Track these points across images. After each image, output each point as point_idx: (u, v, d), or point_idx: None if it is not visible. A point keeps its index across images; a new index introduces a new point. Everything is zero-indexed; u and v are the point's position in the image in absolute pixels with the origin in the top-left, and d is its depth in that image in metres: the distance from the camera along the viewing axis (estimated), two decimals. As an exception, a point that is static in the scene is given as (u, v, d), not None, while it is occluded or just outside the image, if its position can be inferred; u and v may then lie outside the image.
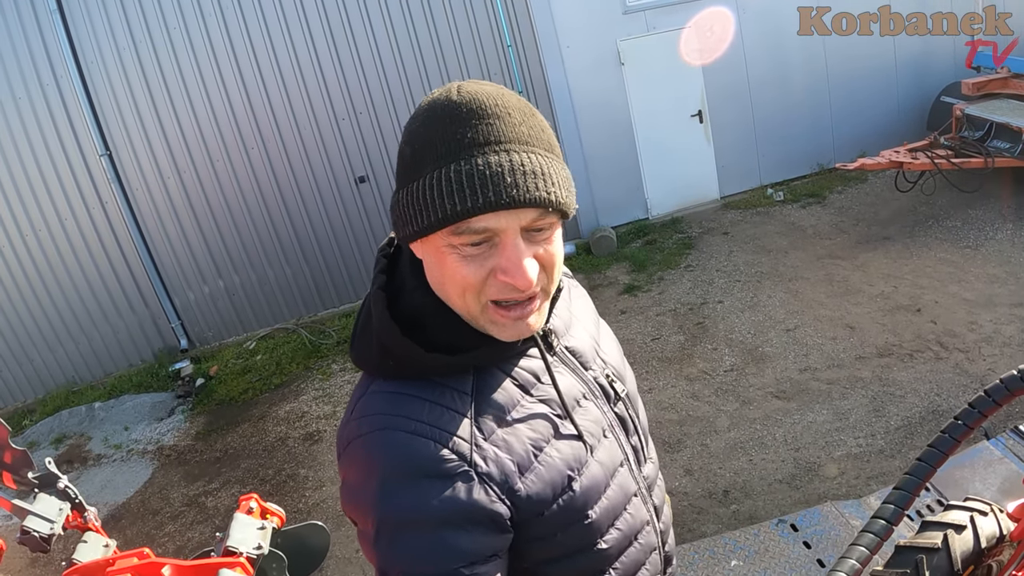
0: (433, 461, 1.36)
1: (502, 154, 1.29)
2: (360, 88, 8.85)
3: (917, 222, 9.47)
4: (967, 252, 8.57)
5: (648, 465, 1.81)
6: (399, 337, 1.40)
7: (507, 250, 1.32)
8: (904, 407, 6.15)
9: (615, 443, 1.66)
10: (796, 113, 10.89)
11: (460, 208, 1.26)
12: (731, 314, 7.96)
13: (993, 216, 9.27)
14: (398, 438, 1.38)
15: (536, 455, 1.47)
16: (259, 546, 3.41)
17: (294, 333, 8.99)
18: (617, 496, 1.63)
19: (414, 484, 1.36)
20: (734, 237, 9.83)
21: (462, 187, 1.26)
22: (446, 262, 1.34)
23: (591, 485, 1.55)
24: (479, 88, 1.34)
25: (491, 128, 1.30)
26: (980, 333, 6.98)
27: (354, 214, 9.27)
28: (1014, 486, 4.51)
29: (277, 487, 6.35)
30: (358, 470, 1.43)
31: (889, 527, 2.24)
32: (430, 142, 1.31)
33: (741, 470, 5.74)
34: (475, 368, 1.47)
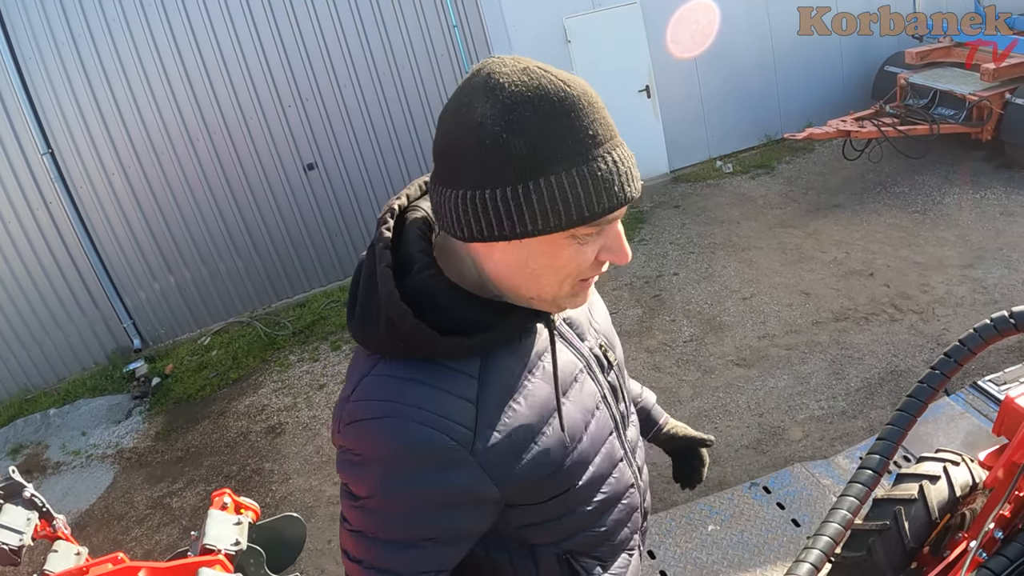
0: (435, 449, 1.39)
1: (616, 150, 1.31)
2: (305, 73, 8.72)
3: (866, 189, 9.61)
4: (916, 217, 8.72)
5: (631, 428, 1.85)
6: (412, 320, 1.37)
7: (615, 233, 1.39)
8: (863, 369, 6.27)
9: (606, 413, 1.70)
10: (743, 86, 10.98)
11: (599, 208, 1.28)
12: (687, 285, 8.01)
13: (940, 181, 9.44)
14: (403, 427, 1.38)
15: (535, 436, 1.50)
16: (237, 542, 3.37)
17: (249, 326, 8.87)
18: (604, 465, 1.67)
19: (414, 467, 1.40)
20: (685, 210, 9.89)
21: (599, 187, 1.28)
22: (562, 254, 1.35)
23: (580, 460, 1.59)
24: (577, 77, 1.32)
25: (605, 123, 1.31)
26: (932, 295, 7.11)
27: (304, 202, 9.15)
28: (978, 439, 4.63)
29: (243, 483, 6.27)
30: (359, 448, 1.44)
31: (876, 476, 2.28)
32: (555, 138, 1.26)
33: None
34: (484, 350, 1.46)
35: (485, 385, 1.45)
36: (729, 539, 4.52)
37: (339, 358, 7.89)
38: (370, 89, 9.02)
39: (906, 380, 6.02)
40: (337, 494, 5.72)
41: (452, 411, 1.40)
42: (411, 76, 9.15)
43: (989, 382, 5.11)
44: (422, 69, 9.17)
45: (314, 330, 8.57)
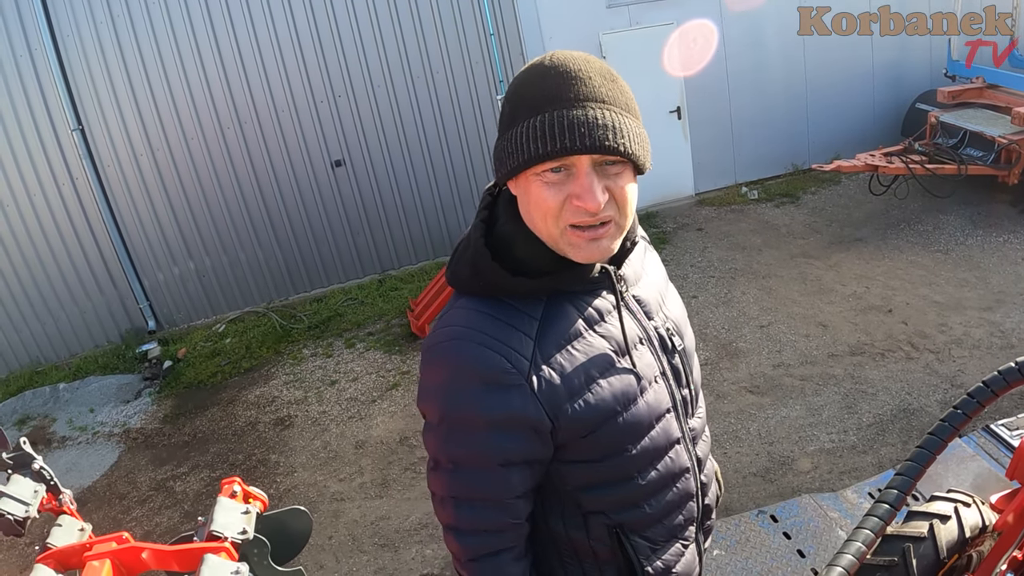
0: (495, 371, 1.59)
1: (579, 109, 1.50)
2: (340, 71, 8.75)
3: (890, 225, 9.56)
4: (938, 256, 8.67)
5: (695, 419, 1.99)
6: (489, 261, 1.64)
7: (580, 179, 1.53)
8: (876, 404, 6.22)
9: (665, 390, 1.83)
10: (773, 114, 10.97)
11: (542, 151, 1.50)
12: (705, 309, 7.98)
13: (964, 222, 9.38)
14: (470, 348, 1.61)
15: (588, 383, 1.67)
16: (244, 531, 3.36)
17: (264, 317, 8.89)
18: (660, 439, 1.81)
19: (476, 388, 1.60)
20: (708, 233, 9.87)
21: (545, 134, 1.49)
22: (532, 190, 1.57)
23: (635, 422, 1.74)
24: (568, 55, 1.57)
25: (573, 87, 1.52)
26: (950, 335, 7.06)
27: (328, 198, 9.18)
28: (987, 482, 4.62)
29: (247, 472, 6.26)
30: (434, 370, 1.68)
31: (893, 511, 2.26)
32: (523, 97, 1.55)
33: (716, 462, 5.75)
34: (548, 297, 1.68)
35: (545, 326, 1.66)
36: (734, 565, 4.49)
37: (352, 355, 7.89)
38: (403, 91, 9.05)
39: (918, 419, 5.97)
40: (340, 491, 5.76)
41: (513, 341, 1.61)
42: (444, 81, 9.17)
43: (1002, 426, 5.10)
44: (456, 75, 9.20)
45: (329, 326, 8.58)
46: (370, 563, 5.18)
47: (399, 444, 6.36)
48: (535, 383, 1.61)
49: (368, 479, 6.00)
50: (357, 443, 6.47)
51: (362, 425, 6.71)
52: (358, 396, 7.16)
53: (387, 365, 7.62)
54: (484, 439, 1.63)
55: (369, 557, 5.23)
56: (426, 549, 5.17)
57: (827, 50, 10.75)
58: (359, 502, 5.76)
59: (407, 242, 9.68)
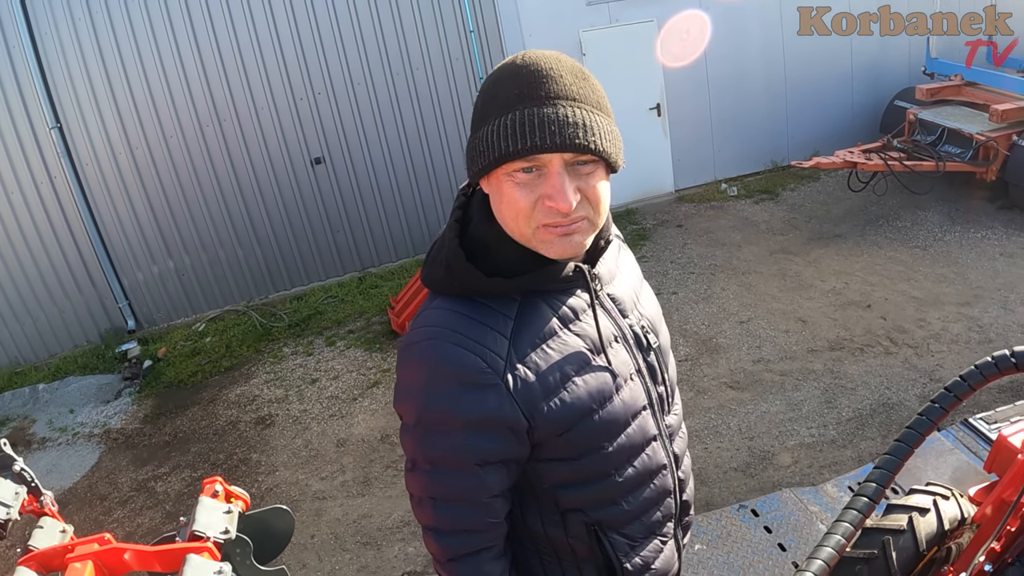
0: (471, 371, 1.59)
1: (549, 108, 1.51)
2: (320, 68, 8.72)
3: (868, 221, 9.63)
4: (916, 252, 8.75)
5: (672, 416, 2.00)
6: (463, 262, 1.64)
7: (551, 179, 1.53)
8: (855, 399, 6.28)
9: (641, 388, 1.84)
10: (753, 111, 11.04)
11: (512, 149, 1.50)
12: (685, 305, 8.02)
13: (942, 218, 9.48)
14: (445, 348, 1.61)
15: (563, 381, 1.68)
16: (226, 530, 3.35)
17: (244, 315, 8.86)
18: (636, 436, 1.82)
19: (452, 388, 1.61)
20: (688, 230, 9.92)
21: (515, 132, 1.50)
22: (504, 190, 1.57)
23: (611, 420, 1.75)
24: (539, 53, 1.58)
25: (543, 86, 1.52)
26: (928, 330, 7.13)
27: (308, 196, 9.15)
28: (966, 475, 4.69)
29: (229, 472, 6.25)
30: (410, 371, 1.69)
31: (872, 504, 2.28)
32: (494, 96, 1.56)
33: (696, 458, 5.80)
34: (523, 296, 1.68)
35: (520, 325, 1.66)
36: (715, 559, 4.53)
37: (333, 354, 7.88)
38: (383, 88, 9.03)
39: (897, 413, 6.03)
40: (322, 489, 5.74)
41: (488, 341, 1.62)
42: (424, 78, 9.16)
43: (980, 420, 5.17)
44: (436, 72, 9.19)
45: (310, 324, 8.56)
46: (353, 561, 5.19)
47: (380, 442, 6.36)
48: (511, 382, 1.61)
49: (350, 477, 6.00)
50: (338, 441, 6.47)
51: (343, 423, 6.71)
52: (339, 394, 7.15)
53: (368, 363, 7.62)
54: (461, 439, 1.64)
55: (352, 555, 5.24)
56: (408, 547, 5.18)
57: (806, 48, 10.80)
58: (341, 500, 5.76)
59: (387, 239, 9.66)
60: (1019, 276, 8.01)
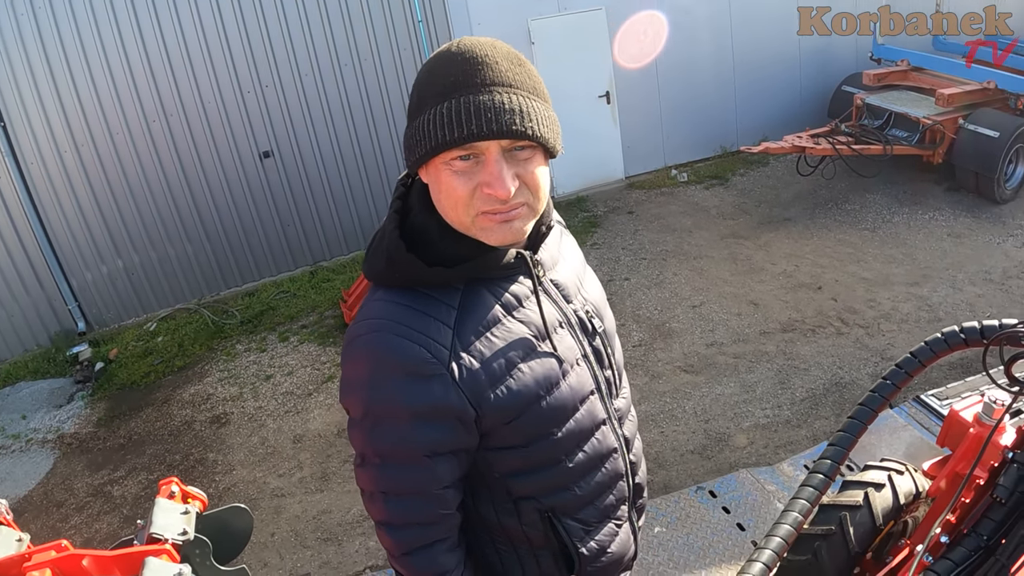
0: (415, 362, 1.59)
1: (485, 95, 1.50)
2: (267, 60, 8.62)
3: (817, 205, 9.77)
4: (865, 234, 8.90)
5: (620, 399, 2.01)
6: (404, 252, 1.64)
7: (489, 166, 1.54)
8: (808, 379, 6.38)
9: (587, 372, 1.85)
10: (702, 97, 11.13)
11: (449, 138, 1.50)
12: (638, 291, 8.09)
13: (890, 201, 9.65)
14: (389, 340, 1.61)
15: (509, 368, 1.68)
16: (184, 531, 3.32)
17: (196, 313, 8.76)
18: (585, 421, 1.83)
19: (397, 380, 1.61)
20: (639, 216, 9.98)
21: (451, 120, 1.49)
22: (442, 179, 1.57)
23: (559, 406, 1.75)
24: (475, 40, 1.58)
25: (479, 73, 1.52)
26: (878, 310, 7.26)
27: (257, 190, 9.05)
28: (919, 450, 4.79)
29: (186, 473, 6.18)
30: (354, 364, 1.68)
31: (827, 480, 2.33)
32: (430, 84, 1.55)
33: (653, 442, 5.86)
34: (465, 285, 1.68)
35: (463, 314, 1.66)
36: (675, 541, 4.59)
37: (287, 349, 7.82)
38: (331, 79, 8.96)
39: (850, 392, 6.14)
40: (281, 486, 5.71)
41: (431, 331, 1.61)
42: (373, 69, 9.10)
43: (932, 396, 5.29)
44: (384, 62, 9.14)
45: (263, 320, 8.48)
46: (314, 558, 5.17)
47: (337, 436, 6.33)
48: (456, 372, 1.62)
49: (308, 473, 5.97)
50: (295, 437, 6.43)
51: (299, 419, 6.67)
52: (294, 390, 7.10)
53: (322, 357, 7.57)
54: (408, 431, 1.64)
55: (313, 552, 5.22)
56: (369, 541, 5.17)
57: (755, 35, 10.95)
58: (300, 497, 5.74)
59: (338, 232, 9.60)
60: (966, 256, 8.18)
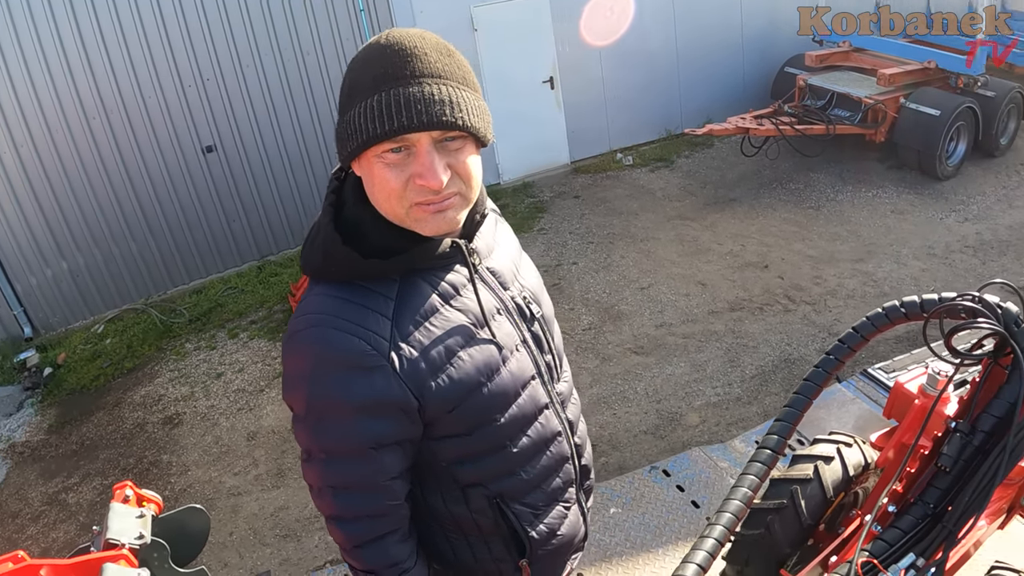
0: (356, 355, 1.61)
1: (415, 86, 1.51)
2: (208, 53, 8.49)
3: (762, 185, 9.89)
4: (810, 212, 9.04)
5: (562, 383, 2.04)
6: (340, 245, 1.64)
7: (421, 157, 1.55)
8: (757, 357, 6.49)
9: (528, 358, 1.88)
10: (646, 81, 11.20)
11: (380, 131, 1.50)
12: (586, 275, 8.15)
13: (834, 179, 9.82)
14: (329, 334, 1.62)
15: (449, 357, 1.70)
16: (140, 535, 3.29)
17: (144, 314, 8.64)
18: (528, 406, 1.86)
19: (339, 374, 1.62)
20: (585, 200, 10.04)
21: (382, 113, 1.50)
22: (375, 172, 1.59)
23: (500, 392, 1.78)
24: (403, 32, 1.58)
25: (408, 64, 1.53)
26: (824, 287, 7.40)
27: (201, 185, 8.92)
28: (868, 423, 4.90)
29: (140, 476, 6.11)
30: (295, 360, 1.68)
31: (775, 456, 2.38)
32: (361, 78, 1.56)
33: (606, 424, 5.93)
34: (402, 276, 1.70)
35: (401, 305, 1.68)
36: (631, 521, 4.65)
37: (236, 346, 7.76)
38: (272, 70, 8.86)
39: (799, 368, 6.25)
40: (237, 485, 5.68)
41: (370, 323, 1.63)
42: (315, 59, 9.02)
43: (879, 370, 5.42)
44: (327, 52, 9.06)
45: (211, 318, 8.39)
46: (274, 555, 5.16)
47: (291, 432, 6.22)
48: (396, 363, 1.63)
49: (263, 470, 5.95)
50: (249, 435, 6.40)
51: (252, 416, 6.63)
52: (245, 387, 7.05)
53: (272, 353, 7.52)
54: (352, 425, 1.65)
55: (272, 549, 5.21)
56: (328, 536, 5.15)
57: (698, 18, 11.06)
58: (256, 495, 5.72)
59: (284, 225, 9.51)
60: (910, 232, 8.36)
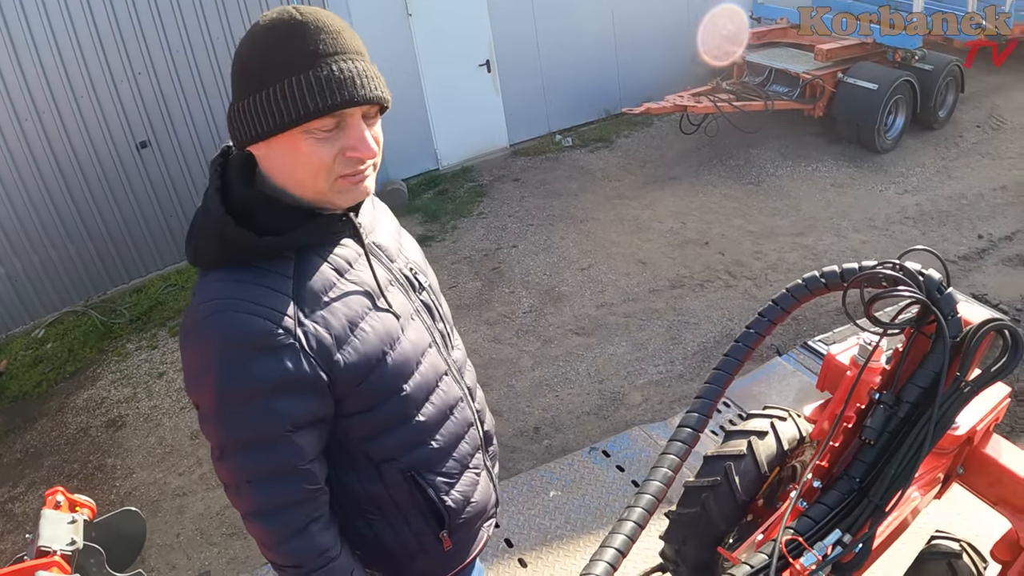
0: (263, 335, 1.60)
1: (347, 63, 1.57)
2: (138, 46, 8.28)
3: (702, 162, 9.96)
4: (750, 188, 9.12)
5: (456, 351, 2.12)
6: (234, 227, 1.63)
7: (354, 130, 1.62)
8: (699, 333, 6.55)
9: (422, 326, 1.95)
10: (584, 62, 11.19)
11: (322, 106, 1.54)
12: (526, 257, 8.17)
13: (774, 155, 9.91)
14: (232, 317, 1.61)
15: (352, 329, 1.73)
16: (72, 541, 3.27)
17: (84, 316, 8.50)
18: (429, 373, 1.92)
19: (247, 356, 1.61)
20: (525, 183, 10.04)
21: (322, 89, 1.54)
22: (301, 149, 1.60)
23: (403, 360, 1.83)
24: (313, 10, 1.59)
25: (335, 41, 1.57)
26: (765, 261, 7.48)
27: (137, 182, 8.76)
28: (809, 396, 4.88)
29: (86, 480, 6.02)
30: (199, 351, 1.66)
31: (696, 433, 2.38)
32: (283, 53, 1.56)
33: (549, 406, 5.96)
34: (296, 254, 1.71)
35: (300, 283, 1.69)
36: (571, 503, 4.65)
37: (177, 344, 7.63)
38: (204, 61, 8.69)
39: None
40: (182, 485, 5.63)
41: (273, 302, 1.63)
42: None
43: (819, 342, 5.47)
44: (258, 43, 8.91)
45: (152, 316, 8.28)
46: (222, 554, 5.13)
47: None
48: (303, 340, 1.64)
49: (208, 469, 5.88)
50: (192, 433, 6.33)
51: (194, 415, 6.43)
52: (188, 386, 6.96)
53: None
54: (266, 407, 1.64)
55: (220, 549, 5.18)
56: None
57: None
58: (202, 494, 5.67)
59: (223, 219, 9.37)
60: (850, 205, 8.48)
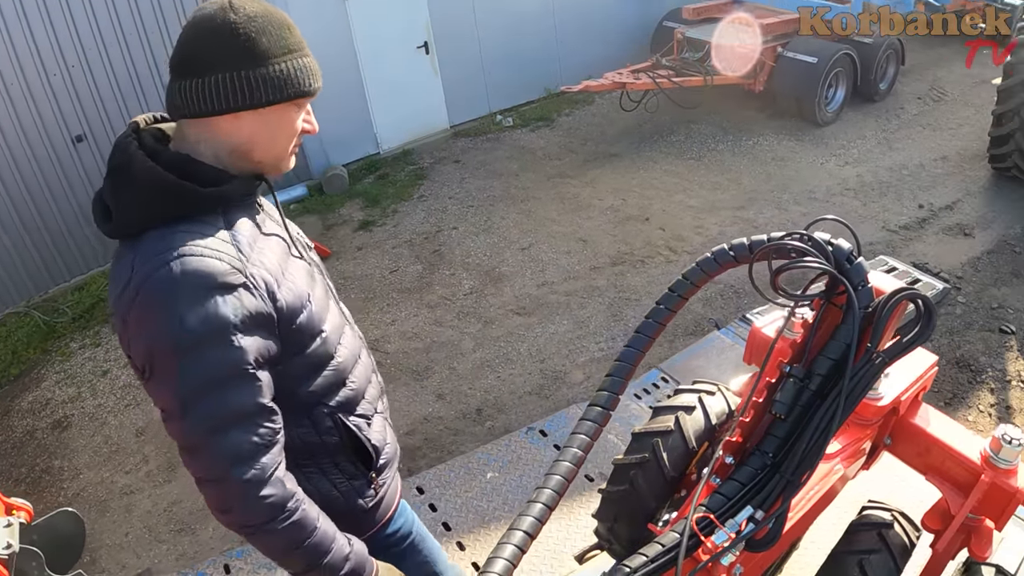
0: (220, 274, 1.70)
1: (310, 57, 1.90)
2: (71, 38, 8.12)
3: (643, 139, 10.02)
4: (691, 163, 9.21)
5: (344, 307, 2.31)
6: (177, 181, 1.75)
7: (309, 112, 1.99)
8: (640, 309, 6.58)
9: (321, 281, 2.15)
10: (523, 41, 11.21)
11: (312, 87, 1.89)
12: (466, 239, 8.18)
13: (715, 130, 10.00)
14: (188, 262, 1.68)
15: (283, 273, 1.90)
16: (8, 545, 3.24)
17: (26, 316, 8.37)
18: (337, 319, 2.13)
19: (209, 296, 1.69)
20: (465, 164, 10.05)
21: (309, 74, 1.87)
22: (291, 118, 1.91)
23: (320, 305, 2.03)
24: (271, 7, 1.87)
25: (298, 37, 1.87)
26: (706, 235, 7.55)
27: (74, 177, 8.62)
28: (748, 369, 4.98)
29: (33, 484, 5.94)
30: (156, 306, 1.69)
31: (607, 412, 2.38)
32: (278, 38, 1.81)
33: (491, 388, 5.99)
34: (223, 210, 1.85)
35: (233, 232, 1.83)
36: (508, 485, 4.66)
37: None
38: (139, 52, 8.56)
39: (682, 317, 6.35)
40: (129, 483, 5.58)
41: (219, 245, 1.75)
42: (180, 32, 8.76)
43: (756, 314, 5.50)
44: (192, 26, 8.79)
45: (95, 313, 8.18)
46: (170, 551, 5.11)
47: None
48: (254, 279, 1.77)
49: (154, 466, 5.86)
50: (137, 431, 6.29)
51: (140, 411, 6.50)
52: (132, 381, 6.87)
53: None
54: (229, 345, 1.71)
55: (168, 546, 5.16)
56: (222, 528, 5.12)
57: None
58: (149, 491, 5.64)
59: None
60: (791, 177, 8.59)
